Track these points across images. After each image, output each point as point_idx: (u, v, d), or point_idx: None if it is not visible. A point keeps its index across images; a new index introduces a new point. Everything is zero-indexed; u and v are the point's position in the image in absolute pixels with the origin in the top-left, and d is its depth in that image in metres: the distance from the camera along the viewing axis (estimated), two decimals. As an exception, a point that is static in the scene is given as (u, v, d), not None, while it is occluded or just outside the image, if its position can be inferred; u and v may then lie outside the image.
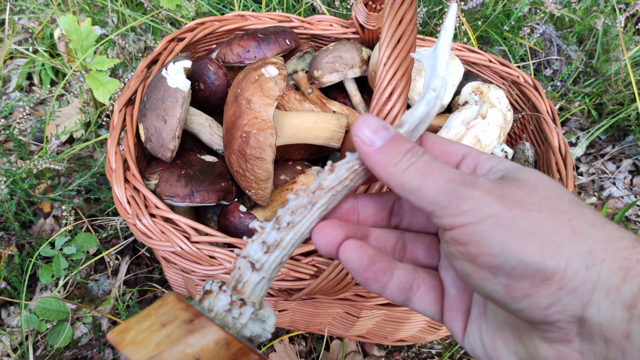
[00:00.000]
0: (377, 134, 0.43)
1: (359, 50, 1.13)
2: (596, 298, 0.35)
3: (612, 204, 1.60)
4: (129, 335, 0.37)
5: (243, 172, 0.91)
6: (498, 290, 0.38)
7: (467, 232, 0.38)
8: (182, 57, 0.95)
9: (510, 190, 0.39)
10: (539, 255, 0.35)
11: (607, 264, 0.35)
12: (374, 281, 0.46)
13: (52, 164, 1.21)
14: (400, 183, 0.41)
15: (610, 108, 1.68)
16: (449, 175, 0.40)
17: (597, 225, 0.37)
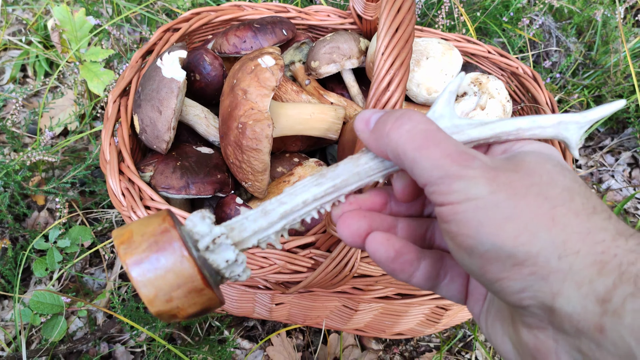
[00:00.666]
0: (370, 119, 0.45)
1: (356, 41, 1.12)
2: (566, 289, 0.34)
3: (610, 196, 1.59)
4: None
5: (239, 164, 0.90)
6: (474, 270, 0.38)
7: (451, 211, 0.38)
8: (178, 47, 0.94)
9: (505, 173, 0.39)
10: (512, 240, 0.36)
11: (581, 256, 0.35)
12: (400, 272, 0.47)
13: (46, 156, 1.20)
14: (395, 154, 0.42)
15: (610, 100, 1.67)
16: (449, 149, 0.40)
17: (582, 215, 0.36)
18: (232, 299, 1.07)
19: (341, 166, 0.47)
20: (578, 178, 0.40)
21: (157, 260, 0.40)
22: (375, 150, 0.44)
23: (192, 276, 0.40)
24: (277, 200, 0.46)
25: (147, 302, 0.40)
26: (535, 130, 0.46)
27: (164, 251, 0.40)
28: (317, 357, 1.22)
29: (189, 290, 0.40)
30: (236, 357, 1.20)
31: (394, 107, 0.66)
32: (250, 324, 1.27)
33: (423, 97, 1.05)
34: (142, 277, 0.39)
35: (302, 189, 0.46)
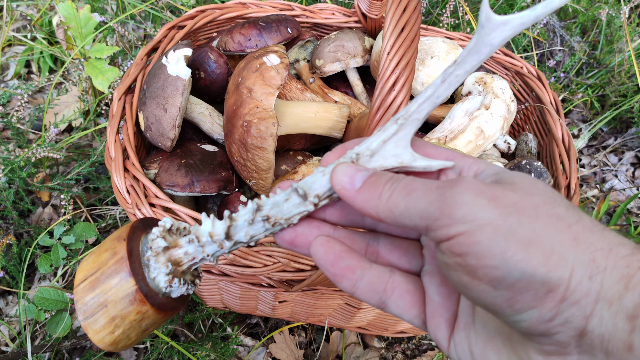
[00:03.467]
0: (355, 177, 0.43)
1: (361, 40, 1.12)
2: (599, 309, 0.33)
3: (614, 196, 1.59)
4: (120, 345, 0.47)
5: (244, 162, 0.90)
6: (498, 302, 0.36)
7: (464, 243, 0.35)
8: (183, 44, 0.94)
9: (503, 192, 0.37)
10: (544, 266, 0.33)
11: (609, 273, 0.33)
12: (342, 278, 0.45)
13: (51, 153, 1.20)
14: (388, 210, 0.40)
15: (613, 100, 1.67)
16: (434, 184, 0.38)
17: (597, 232, 0.35)
18: (235, 296, 1.07)
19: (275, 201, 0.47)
20: (565, 198, 0.40)
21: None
22: (361, 208, 0.42)
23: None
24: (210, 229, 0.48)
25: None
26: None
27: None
28: (320, 354, 1.22)
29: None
30: (239, 354, 1.20)
31: (399, 108, 0.66)
32: (253, 321, 1.27)
33: (427, 96, 1.05)
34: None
35: (244, 224, 0.47)
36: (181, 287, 0.48)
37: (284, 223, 0.46)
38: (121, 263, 0.46)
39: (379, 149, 0.46)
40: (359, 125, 0.96)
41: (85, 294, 0.46)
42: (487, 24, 0.40)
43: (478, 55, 0.42)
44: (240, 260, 0.82)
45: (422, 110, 0.45)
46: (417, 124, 0.45)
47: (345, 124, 1.00)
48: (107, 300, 0.45)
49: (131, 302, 0.45)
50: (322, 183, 0.46)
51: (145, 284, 0.46)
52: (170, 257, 0.47)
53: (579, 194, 0.97)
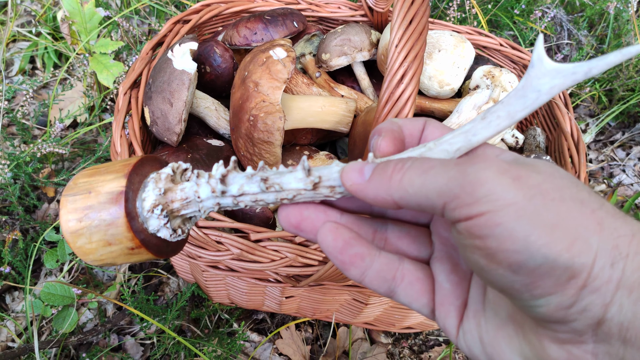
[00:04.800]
0: (364, 170, 0.41)
1: (368, 33, 1.11)
2: (618, 297, 0.32)
3: (621, 191, 1.58)
4: (80, 240, 0.45)
5: (250, 157, 0.90)
6: (516, 287, 0.34)
7: (486, 224, 0.34)
8: (188, 38, 0.93)
9: (527, 172, 0.35)
10: (567, 252, 0.32)
11: (630, 260, 0.33)
12: (350, 265, 0.44)
13: (56, 148, 1.20)
14: (403, 190, 0.38)
15: (621, 94, 1.65)
16: (452, 161, 0.37)
17: (619, 218, 0.34)
18: (242, 292, 1.07)
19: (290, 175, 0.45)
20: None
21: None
22: (374, 197, 0.40)
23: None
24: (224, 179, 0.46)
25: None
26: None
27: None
28: (326, 350, 1.22)
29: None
30: (245, 350, 1.20)
31: (407, 101, 0.65)
32: (259, 317, 1.27)
33: (435, 90, 1.05)
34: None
35: (242, 177, 0.46)
36: (161, 220, 0.46)
37: (278, 191, 0.45)
38: (125, 166, 0.46)
39: None
40: (365, 119, 0.95)
41: (81, 177, 0.46)
42: (539, 66, 0.39)
43: (524, 100, 0.40)
44: (248, 256, 0.82)
45: (454, 144, 0.43)
46: (444, 155, 0.43)
47: (352, 118, 1.00)
48: (94, 188, 0.45)
49: (111, 200, 0.44)
50: (330, 170, 0.44)
51: (134, 197, 0.45)
52: (168, 188, 0.46)
53: (588, 189, 0.96)
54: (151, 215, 0.46)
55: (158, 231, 0.47)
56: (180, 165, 0.48)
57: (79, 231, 0.44)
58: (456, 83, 1.04)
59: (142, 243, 0.45)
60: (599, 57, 0.36)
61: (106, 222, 0.44)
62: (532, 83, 0.39)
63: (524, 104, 0.40)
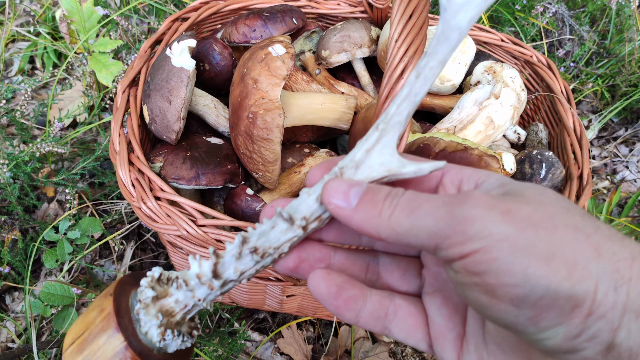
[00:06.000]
0: (350, 193, 0.40)
1: (367, 30, 1.10)
2: (626, 321, 0.32)
3: (625, 187, 1.57)
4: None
5: (250, 154, 0.89)
6: (521, 321, 0.34)
7: (482, 260, 0.33)
8: (187, 36, 0.92)
9: (515, 205, 0.35)
10: (567, 281, 0.32)
11: (634, 283, 0.32)
12: (345, 309, 0.43)
13: (55, 147, 1.19)
14: (391, 230, 0.38)
15: (624, 90, 1.64)
16: (440, 200, 0.37)
17: (617, 240, 0.34)
18: (243, 291, 1.06)
19: (262, 232, 0.44)
20: (577, 205, 0.38)
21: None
22: (359, 228, 0.40)
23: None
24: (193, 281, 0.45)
25: None
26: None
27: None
28: (328, 349, 1.21)
29: None
30: (247, 349, 1.19)
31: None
32: (260, 316, 1.26)
33: (436, 86, 1.04)
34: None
35: (231, 260, 0.44)
36: (176, 340, 0.45)
37: (274, 253, 0.44)
38: (108, 319, 0.43)
39: (364, 160, 0.43)
40: (366, 116, 0.94)
41: (73, 357, 0.43)
42: (450, 6, 0.38)
43: (448, 41, 0.39)
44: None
45: (402, 112, 0.43)
46: (399, 127, 0.43)
47: (352, 115, 0.99)
48: None
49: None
50: (308, 204, 0.43)
51: (137, 340, 0.44)
52: (161, 307, 0.44)
53: (592, 185, 0.95)
54: (165, 343, 0.44)
55: (176, 346, 0.46)
56: (153, 277, 0.46)
57: None
58: (457, 79, 1.03)
59: None
60: None
61: None
62: (450, 23, 0.39)
63: (450, 45, 0.40)
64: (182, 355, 0.47)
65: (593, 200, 1.47)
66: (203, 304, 0.45)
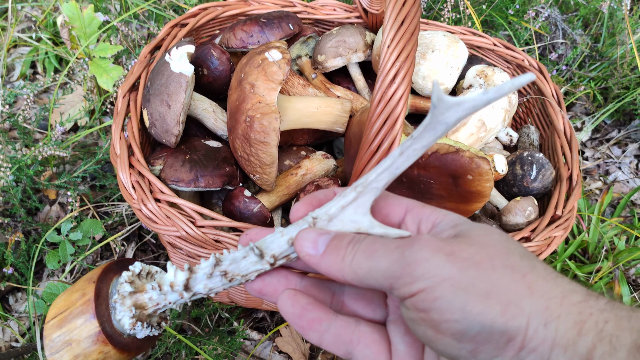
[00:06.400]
0: (318, 242, 0.44)
1: (362, 35, 1.12)
2: (555, 355, 0.35)
3: (617, 188, 1.60)
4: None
5: (247, 157, 0.91)
6: (463, 354, 0.38)
7: (426, 299, 0.37)
8: (185, 42, 0.95)
9: (459, 247, 0.39)
10: (502, 317, 0.36)
11: (563, 320, 0.36)
12: (309, 330, 0.47)
13: (57, 151, 1.22)
14: (353, 273, 0.42)
15: (616, 92, 1.67)
16: (394, 244, 0.40)
17: (550, 280, 0.38)
18: (241, 290, 1.09)
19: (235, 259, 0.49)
20: (520, 244, 0.41)
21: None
22: (327, 273, 0.44)
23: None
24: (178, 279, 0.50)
25: None
26: None
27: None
28: (325, 348, 1.23)
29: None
30: (246, 348, 1.21)
31: (400, 100, 0.67)
32: (259, 316, 1.28)
33: (429, 89, 1.06)
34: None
35: (203, 277, 0.49)
36: (145, 330, 0.50)
37: (241, 279, 0.48)
38: (87, 305, 0.49)
39: (338, 214, 0.47)
40: (360, 119, 0.97)
41: (53, 331, 0.49)
42: (440, 105, 0.41)
43: (434, 132, 0.43)
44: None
45: (380, 180, 0.47)
46: (375, 192, 0.47)
47: (347, 119, 1.01)
48: (72, 339, 0.48)
49: (94, 342, 0.48)
50: (279, 244, 0.48)
51: (110, 325, 0.49)
52: (136, 301, 0.50)
53: (581, 185, 0.97)
54: (134, 331, 0.50)
55: (144, 334, 0.51)
56: (134, 271, 0.51)
57: None
58: (450, 83, 1.06)
59: (136, 351, 0.51)
60: (496, 87, 0.39)
61: (100, 358, 0.49)
62: (439, 118, 0.42)
63: (435, 135, 0.43)
64: (149, 340, 0.52)
65: (586, 201, 1.49)
66: (173, 306, 0.51)
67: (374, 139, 0.68)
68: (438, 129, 0.42)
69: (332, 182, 0.94)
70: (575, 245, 1.36)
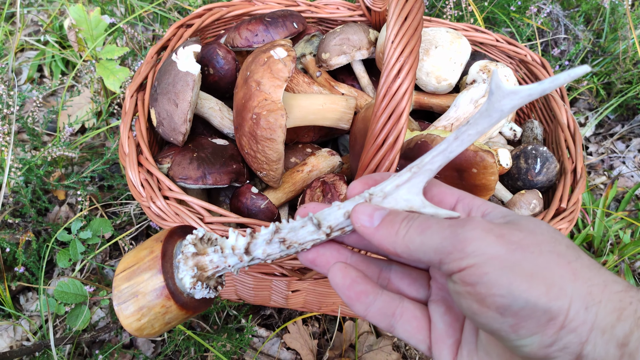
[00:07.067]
0: (374, 215, 0.48)
1: (366, 32, 1.14)
2: (593, 337, 0.37)
3: (622, 182, 1.60)
4: (145, 331, 0.53)
5: (254, 154, 0.92)
6: (504, 328, 0.39)
7: (475, 273, 0.40)
8: (192, 41, 0.96)
9: (509, 231, 0.41)
10: (545, 296, 0.38)
11: (603, 305, 0.38)
12: (356, 301, 0.50)
13: (66, 151, 1.23)
14: (405, 246, 0.45)
15: (619, 87, 1.67)
16: (447, 223, 0.43)
17: (594, 269, 0.40)
18: (249, 287, 1.10)
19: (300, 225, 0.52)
20: (567, 237, 0.44)
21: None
22: (379, 244, 0.47)
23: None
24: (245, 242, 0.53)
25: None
26: None
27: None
28: (333, 343, 1.24)
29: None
30: (254, 345, 1.23)
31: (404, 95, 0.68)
32: (267, 313, 1.29)
33: (432, 85, 1.07)
34: None
35: (262, 243, 0.52)
36: (203, 290, 0.53)
37: (298, 247, 0.52)
38: (155, 261, 0.52)
39: (392, 192, 0.50)
40: (365, 115, 0.98)
41: (121, 282, 0.53)
42: (497, 92, 0.44)
43: (489, 119, 0.45)
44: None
45: (434, 163, 0.50)
46: (429, 174, 0.50)
47: (352, 115, 1.02)
48: (138, 291, 0.52)
49: (158, 296, 0.51)
50: (336, 216, 0.51)
51: (173, 282, 0.52)
52: (197, 262, 0.53)
53: (585, 178, 0.98)
54: (194, 290, 0.53)
55: (203, 296, 0.54)
56: (197, 235, 0.55)
57: (142, 326, 0.52)
58: (453, 78, 1.07)
59: (193, 311, 0.54)
60: (551, 78, 0.41)
61: (161, 312, 0.52)
62: (495, 105, 0.44)
63: (490, 122, 0.46)
64: (206, 302, 0.56)
65: (590, 196, 1.50)
66: (231, 269, 0.54)
67: (380, 133, 0.69)
68: (493, 115, 0.45)
69: (337, 179, 0.95)
70: (580, 239, 1.36)
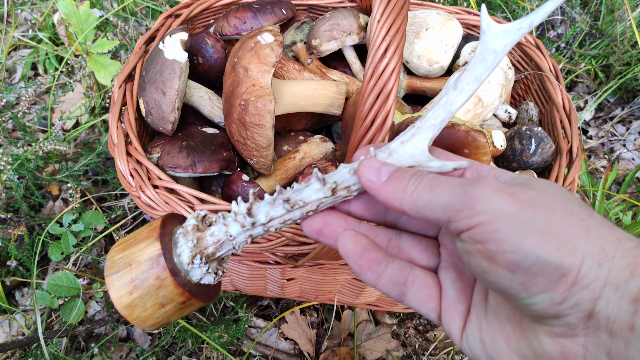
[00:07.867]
0: (382, 170, 0.46)
1: (356, 17, 1.12)
2: (606, 293, 0.36)
3: (622, 165, 1.58)
4: (136, 311, 0.48)
5: (244, 141, 0.91)
6: (515, 286, 0.38)
7: (485, 230, 0.39)
8: (179, 29, 0.95)
9: (521, 190, 0.40)
10: (557, 252, 0.36)
11: (616, 261, 0.36)
12: (367, 269, 0.48)
13: (58, 145, 1.22)
14: (412, 203, 0.43)
15: (618, 69, 1.65)
16: (457, 181, 0.42)
17: (607, 227, 0.39)
18: (244, 276, 1.09)
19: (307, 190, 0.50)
20: (579, 198, 0.43)
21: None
22: (386, 201, 0.45)
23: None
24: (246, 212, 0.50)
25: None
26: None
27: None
28: (332, 333, 1.23)
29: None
30: (252, 336, 1.22)
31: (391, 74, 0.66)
32: (264, 303, 1.28)
33: (424, 68, 1.06)
34: None
35: (265, 204, 0.50)
36: (202, 269, 0.50)
37: (303, 207, 0.49)
38: (153, 232, 0.50)
39: (397, 149, 0.49)
40: (356, 100, 0.96)
41: (115, 254, 0.50)
42: (488, 31, 0.43)
43: (485, 62, 0.45)
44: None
45: (437, 117, 0.49)
46: (433, 129, 0.49)
47: (343, 101, 1.01)
48: (133, 260, 0.48)
49: (152, 266, 0.48)
50: (342, 174, 0.49)
51: (170, 255, 0.49)
52: (197, 236, 0.51)
53: (582, 158, 0.96)
54: (192, 266, 0.50)
55: (201, 279, 0.51)
56: (199, 214, 0.52)
57: (132, 303, 0.48)
58: (445, 61, 1.05)
59: (191, 295, 0.49)
60: (538, 8, 0.40)
61: (155, 286, 0.48)
62: (488, 46, 0.44)
63: (486, 65, 0.45)
64: (204, 292, 0.52)
65: (591, 178, 1.48)
66: (233, 243, 0.51)
67: (368, 113, 0.67)
68: (488, 58, 0.44)
69: (330, 164, 0.94)
70: (580, 223, 1.34)
